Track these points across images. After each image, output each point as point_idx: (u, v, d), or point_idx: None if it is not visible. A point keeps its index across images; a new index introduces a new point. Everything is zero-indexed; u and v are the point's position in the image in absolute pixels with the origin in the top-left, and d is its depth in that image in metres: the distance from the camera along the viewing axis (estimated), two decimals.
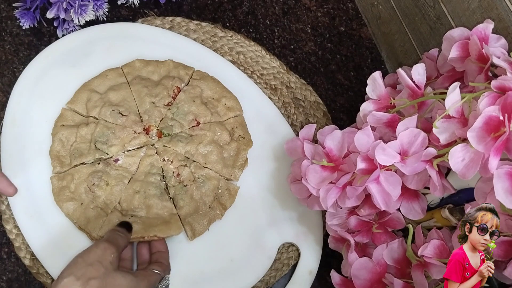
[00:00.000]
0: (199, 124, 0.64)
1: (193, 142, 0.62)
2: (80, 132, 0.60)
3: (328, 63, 0.76)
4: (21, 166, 0.60)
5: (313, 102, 0.72)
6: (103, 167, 0.59)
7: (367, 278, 0.50)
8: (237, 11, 0.77)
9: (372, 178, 0.46)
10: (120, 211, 0.57)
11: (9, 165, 0.60)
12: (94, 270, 0.45)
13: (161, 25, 0.72)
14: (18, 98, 0.63)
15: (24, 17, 0.66)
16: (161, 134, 0.62)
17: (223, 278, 0.59)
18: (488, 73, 0.46)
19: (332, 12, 0.80)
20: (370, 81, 0.53)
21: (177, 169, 0.61)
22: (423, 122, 0.49)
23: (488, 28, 0.48)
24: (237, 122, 0.65)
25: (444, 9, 0.62)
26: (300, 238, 0.62)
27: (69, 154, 0.60)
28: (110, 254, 0.47)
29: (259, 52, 0.73)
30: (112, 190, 0.58)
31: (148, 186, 0.58)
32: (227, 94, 0.66)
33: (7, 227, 0.58)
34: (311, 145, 0.56)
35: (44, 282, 0.57)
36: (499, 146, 0.39)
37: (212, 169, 0.62)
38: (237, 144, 0.64)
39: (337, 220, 0.55)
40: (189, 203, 0.59)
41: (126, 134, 0.61)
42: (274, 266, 0.62)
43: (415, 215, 0.50)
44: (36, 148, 0.60)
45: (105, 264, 0.46)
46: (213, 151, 0.62)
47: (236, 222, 0.62)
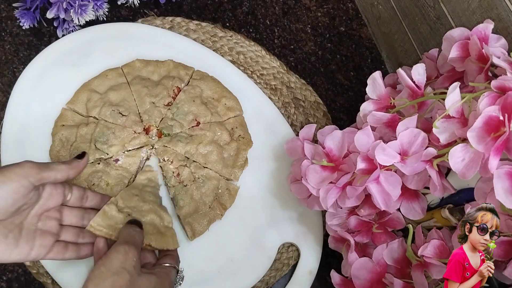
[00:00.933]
0: (199, 124, 0.64)
1: (193, 142, 0.62)
2: (80, 132, 0.60)
3: (328, 63, 0.76)
4: None
5: (313, 102, 0.72)
6: (103, 167, 0.59)
7: (367, 278, 0.50)
8: (237, 11, 0.77)
9: (372, 178, 0.46)
10: (116, 205, 0.55)
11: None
12: (121, 279, 0.43)
13: (161, 25, 0.72)
14: (18, 98, 0.63)
15: (24, 17, 0.66)
16: (161, 134, 0.62)
17: (223, 278, 0.59)
18: (488, 73, 0.46)
19: (332, 12, 0.80)
20: (370, 81, 0.53)
21: (177, 169, 0.61)
22: (423, 122, 0.49)
23: (488, 28, 0.48)
24: (237, 122, 0.65)
25: (444, 9, 0.62)
26: (300, 238, 0.62)
27: (69, 154, 0.60)
28: (133, 258, 0.45)
29: (259, 52, 0.73)
30: (112, 190, 0.58)
31: (146, 193, 0.58)
32: (227, 94, 0.66)
33: None
34: (311, 145, 0.56)
35: (44, 282, 0.57)
36: (499, 146, 0.39)
37: (212, 169, 0.62)
38: (237, 144, 0.64)
39: (337, 220, 0.55)
40: (189, 203, 0.59)
41: (126, 134, 0.61)
42: (274, 266, 0.62)
43: (415, 215, 0.50)
44: (36, 148, 0.60)
45: (129, 270, 0.44)
46: (213, 151, 0.62)
47: (236, 222, 0.62)
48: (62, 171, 0.48)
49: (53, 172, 0.47)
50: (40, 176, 0.45)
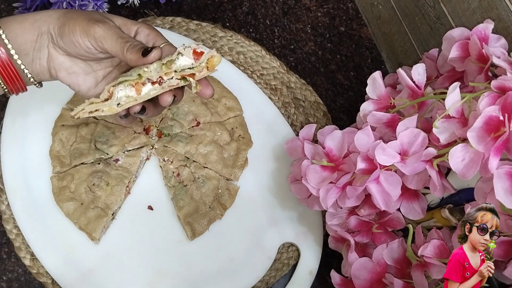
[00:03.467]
0: (199, 124, 0.64)
1: (193, 142, 0.62)
2: (80, 132, 0.60)
3: (328, 63, 0.76)
4: (21, 166, 0.60)
5: (313, 102, 0.72)
6: (103, 167, 0.59)
7: (367, 278, 0.50)
8: (237, 11, 0.77)
9: (372, 178, 0.46)
10: None
11: (9, 165, 0.60)
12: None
13: (161, 25, 0.72)
14: (18, 98, 0.63)
15: None
16: (161, 134, 0.62)
17: (223, 278, 0.59)
18: (488, 73, 0.46)
19: (332, 12, 0.80)
20: (370, 81, 0.53)
21: (177, 169, 0.61)
22: (423, 122, 0.49)
23: (488, 28, 0.48)
24: (237, 122, 0.65)
25: (444, 9, 0.62)
26: (300, 238, 0.62)
27: (69, 154, 0.60)
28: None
29: (259, 52, 0.73)
30: (112, 190, 0.58)
31: None
32: (227, 94, 0.66)
33: (7, 227, 0.58)
34: (311, 145, 0.56)
35: (44, 282, 0.57)
36: (499, 146, 0.39)
37: (212, 169, 0.62)
38: (237, 144, 0.64)
39: (337, 220, 0.55)
40: (189, 203, 0.59)
41: (126, 134, 0.61)
42: (274, 266, 0.62)
43: (415, 215, 0.50)
44: (36, 148, 0.60)
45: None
46: (213, 151, 0.62)
47: (236, 222, 0.62)
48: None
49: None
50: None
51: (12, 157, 0.60)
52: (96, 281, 0.56)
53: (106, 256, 0.57)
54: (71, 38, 0.43)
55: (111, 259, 0.57)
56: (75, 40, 0.43)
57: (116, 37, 0.43)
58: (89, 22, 0.43)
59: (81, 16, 0.43)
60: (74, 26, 0.43)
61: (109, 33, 0.43)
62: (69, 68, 0.46)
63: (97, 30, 0.42)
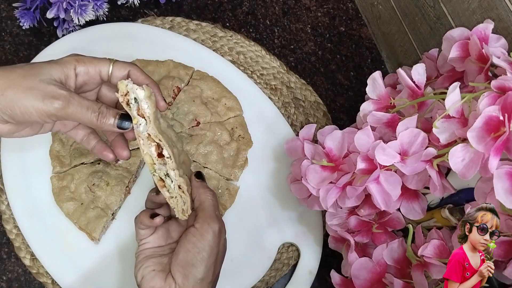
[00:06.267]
0: (199, 124, 0.64)
1: (193, 142, 0.62)
2: None
3: (328, 63, 0.76)
4: (21, 166, 0.60)
5: (313, 102, 0.72)
6: (103, 167, 0.59)
7: (367, 278, 0.50)
8: (237, 11, 0.77)
9: (372, 178, 0.46)
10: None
11: (9, 165, 0.60)
12: (220, 260, 0.48)
13: (161, 25, 0.72)
14: None
15: (24, 17, 0.66)
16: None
17: (223, 278, 0.59)
18: (488, 73, 0.46)
19: (332, 12, 0.80)
20: (370, 81, 0.53)
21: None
22: (423, 122, 0.49)
23: (488, 28, 0.48)
24: (237, 122, 0.65)
25: (444, 9, 0.62)
26: (300, 238, 0.62)
27: (69, 154, 0.60)
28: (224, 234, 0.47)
29: (259, 52, 0.73)
30: (112, 190, 0.58)
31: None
32: (227, 94, 0.66)
33: (7, 227, 0.58)
34: (311, 145, 0.56)
35: (44, 282, 0.57)
36: (499, 146, 0.39)
37: (212, 169, 0.62)
38: (237, 144, 0.64)
39: (337, 220, 0.55)
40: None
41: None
42: (274, 266, 0.62)
43: (415, 215, 0.50)
44: (36, 148, 0.60)
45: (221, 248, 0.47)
46: (213, 151, 0.62)
47: (236, 222, 0.62)
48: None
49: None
50: None
51: (12, 157, 0.60)
52: (96, 281, 0.56)
53: (106, 256, 0.57)
54: (26, 119, 0.41)
55: (111, 259, 0.57)
56: (33, 121, 0.42)
57: (84, 110, 0.42)
58: (44, 100, 0.40)
59: (26, 92, 0.40)
60: (26, 109, 0.40)
61: (75, 110, 0.42)
62: (12, 133, 0.45)
63: (60, 112, 0.41)
